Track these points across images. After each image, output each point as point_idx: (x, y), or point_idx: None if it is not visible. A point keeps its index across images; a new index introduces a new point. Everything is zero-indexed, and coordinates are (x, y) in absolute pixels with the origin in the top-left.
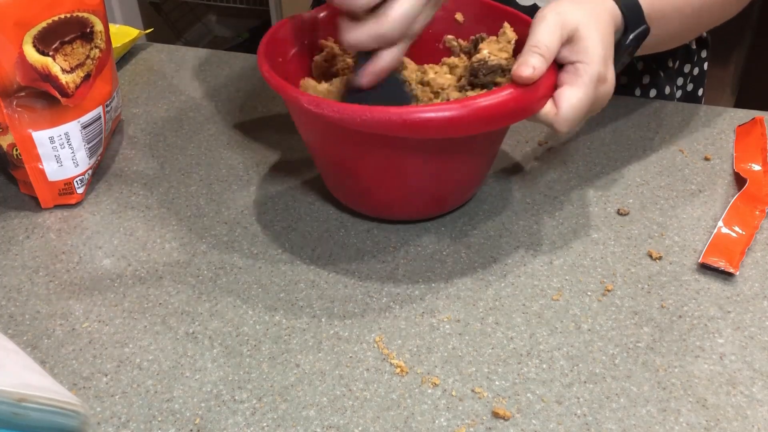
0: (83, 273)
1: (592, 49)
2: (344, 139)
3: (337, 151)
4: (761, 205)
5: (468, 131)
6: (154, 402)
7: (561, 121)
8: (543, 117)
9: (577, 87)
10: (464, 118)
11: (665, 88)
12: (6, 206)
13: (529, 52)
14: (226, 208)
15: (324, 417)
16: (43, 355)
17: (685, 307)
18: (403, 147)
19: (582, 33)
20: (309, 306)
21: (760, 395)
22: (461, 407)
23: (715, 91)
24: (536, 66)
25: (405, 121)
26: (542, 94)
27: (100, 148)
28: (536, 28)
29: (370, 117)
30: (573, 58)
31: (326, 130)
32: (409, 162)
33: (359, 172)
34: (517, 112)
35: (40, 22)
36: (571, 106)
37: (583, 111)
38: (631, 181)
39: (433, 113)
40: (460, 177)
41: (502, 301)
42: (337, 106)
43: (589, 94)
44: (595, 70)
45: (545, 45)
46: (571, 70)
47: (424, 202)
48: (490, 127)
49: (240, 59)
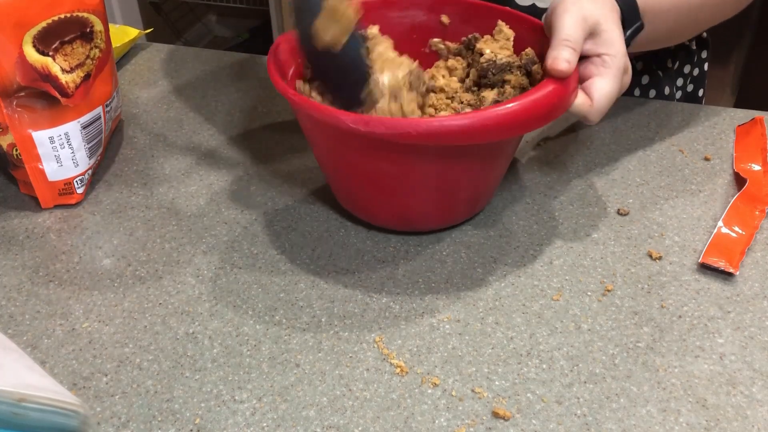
0: (83, 273)
1: (617, 41)
2: (368, 151)
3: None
4: (761, 205)
5: (520, 131)
6: (154, 402)
7: (595, 111)
8: (578, 109)
9: (608, 78)
10: (520, 115)
11: (665, 89)
12: (6, 206)
13: (561, 46)
14: (226, 208)
15: (324, 417)
16: (43, 355)
17: (685, 307)
18: (421, 157)
19: (604, 26)
20: (309, 306)
21: (760, 395)
22: (461, 407)
23: (715, 91)
24: (570, 60)
25: (472, 125)
26: (573, 87)
27: (100, 148)
28: (561, 22)
29: (425, 128)
30: (599, 50)
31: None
32: (427, 173)
33: (374, 186)
34: (559, 107)
35: (40, 22)
36: (604, 96)
37: (613, 100)
38: (631, 181)
39: (490, 116)
40: (477, 187)
41: (502, 301)
42: (387, 122)
43: (618, 83)
44: (622, 61)
45: (575, 38)
46: (598, 62)
47: (439, 215)
48: (540, 124)
49: (240, 59)
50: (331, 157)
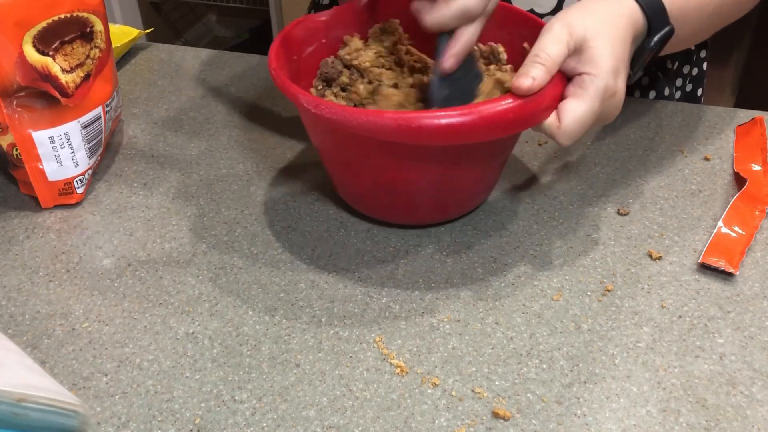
0: (83, 273)
1: (601, 60)
2: (362, 146)
3: (350, 155)
4: (761, 205)
5: (471, 138)
6: (154, 402)
7: (563, 134)
8: (546, 129)
9: (582, 100)
10: (467, 125)
11: (665, 90)
12: (6, 206)
13: (530, 62)
14: (226, 208)
15: (324, 417)
16: (43, 355)
17: (685, 307)
18: (410, 155)
19: (590, 43)
20: (309, 306)
21: (760, 395)
22: (461, 407)
23: (715, 91)
24: (536, 76)
25: (411, 127)
26: (546, 105)
27: (100, 148)
28: (541, 38)
29: (373, 122)
30: (580, 69)
31: (347, 141)
32: (414, 169)
33: (374, 178)
34: (518, 122)
35: (40, 22)
36: (573, 119)
37: (586, 124)
38: (631, 181)
39: (434, 120)
40: (466, 184)
41: (502, 301)
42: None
43: (594, 107)
44: (602, 83)
45: (547, 54)
46: (577, 81)
47: (439, 207)
48: (493, 135)
49: (240, 59)
50: (327, 146)
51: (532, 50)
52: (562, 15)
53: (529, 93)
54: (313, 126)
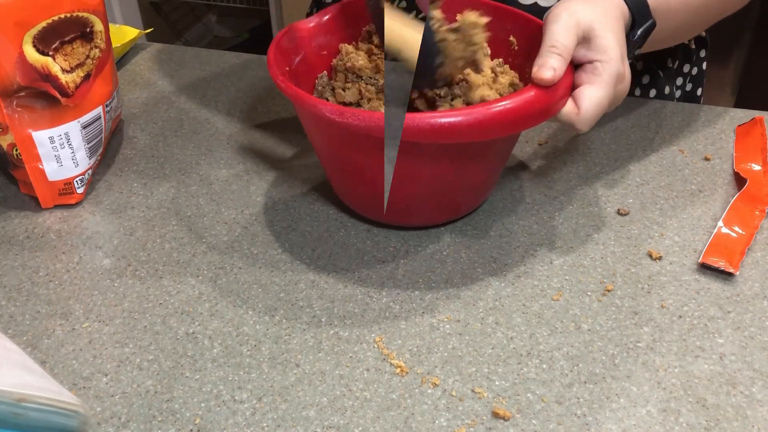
0: (83, 273)
1: (610, 47)
2: (361, 146)
3: (351, 158)
4: (761, 205)
5: (490, 135)
6: (154, 402)
7: (582, 120)
8: (564, 117)
9: (598, 86)
10: (486, 121)
11: (665, 88)
12: (6, 206)
13: (548, 53)
14: (226, 208)
15: (324, 417)
16: (43, 355)
17: (685, 307)
18: (420, 153)
19: (597, 32)
20: (309, 306)
21: (760, 395)
22: (461, 407)
23: (715, 91)
24: (556, 67)
25: (432, 126)
26: (561, 95)
27: (100, 148)
28: (552, 28)
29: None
30: (591, 57)
31: (344, 140)
32: (426, 167)
33: (375, 180)
34: (539, 114)
35: (40, 22)
36: (592, 104)
37: (603, 109)
38: (631, 181)
39: (453, 118)
40: (475, 182)
41: (502, 301)
42: (361, 114)
43: (609, 92)
44: (614, 69)
45: (563, 45)
46: (589, 69)
47: (440, 208)
48: (513, 130)
49: (240, 59)
50: (325, 147)
51: (546, 41)
52: (566, 4)
53: (551, 84)
54: (319, 134)
